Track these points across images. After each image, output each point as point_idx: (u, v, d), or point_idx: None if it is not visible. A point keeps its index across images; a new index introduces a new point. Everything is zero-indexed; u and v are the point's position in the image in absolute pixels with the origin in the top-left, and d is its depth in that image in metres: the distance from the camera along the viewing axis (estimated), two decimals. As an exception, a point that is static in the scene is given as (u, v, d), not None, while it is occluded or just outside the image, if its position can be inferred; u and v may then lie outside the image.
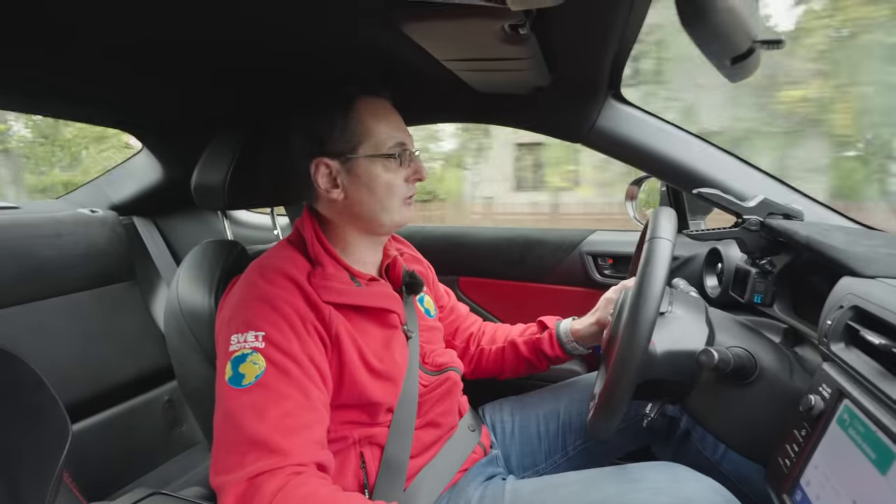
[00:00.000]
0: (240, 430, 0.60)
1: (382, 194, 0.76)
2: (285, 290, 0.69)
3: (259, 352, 0.64)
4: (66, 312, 1.27)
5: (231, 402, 0.62)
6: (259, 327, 0.65)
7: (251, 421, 0.60)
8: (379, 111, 0.78)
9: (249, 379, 0.63)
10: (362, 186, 0.76)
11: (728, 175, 0.94)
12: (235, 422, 0.61)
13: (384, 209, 0.77)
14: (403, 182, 0.78)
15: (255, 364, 0.63)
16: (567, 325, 0.96)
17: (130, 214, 1.56)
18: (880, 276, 0.63)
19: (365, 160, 0.75)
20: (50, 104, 1.13)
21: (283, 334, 0.66)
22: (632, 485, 0.69)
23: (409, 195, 0.79)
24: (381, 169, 0.76)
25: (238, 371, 0.63)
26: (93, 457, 1.25)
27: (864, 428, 0.49)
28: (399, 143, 0.77)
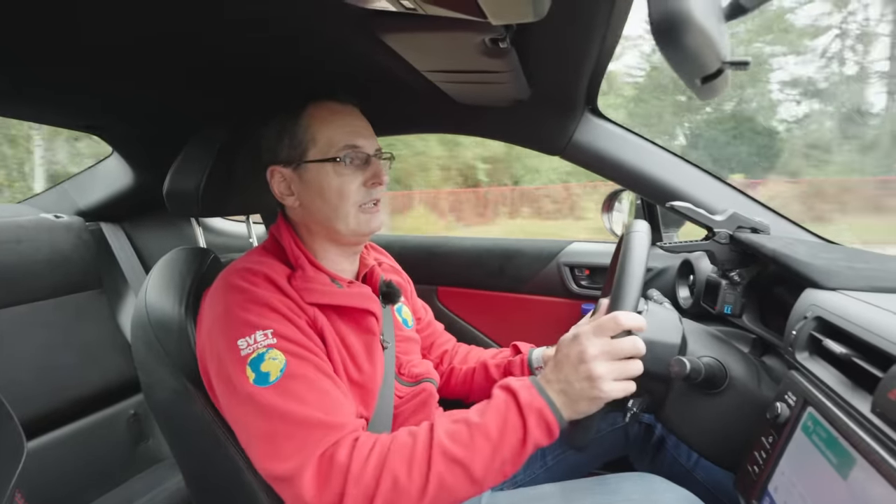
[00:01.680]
0: (287, 419, 0.61)
1: (334, 200, 0.74)
2: (268, 290, 0.69)
3: (274, 347, 0.65)
4: (26, 322, 1.21)
5: (266, 399, 0.62)
6: (265, 325, 0.65)
7: (296, 407, 0.61)
8: (329, 115, 0.76)
9: (276, 374, 0.63)
10: (314, 193, 0.75)
11: (699, 189, 0.97)
12: (280, 414, 0.61)
13: (338, 216, 0.75)
14: (359, 187, 0.75)
15: (274, 360, 0.64)
16: (539, 352, 0.94)
17: (98, 220, 1.50)
18: (841, 288, 0.66)
19: (314, 165, 0.74)
20: (15, 106, 1.08)
21: (287, 328, 0.67)
22: (608, 497, 0.69)
23: (366, 201, 0.76)
24: (332, 174, 0.74)
25: (261, 370, 0.63)
26: (51, 475, 1.18)
27: (827, 434, 0.51)
28: (349, 145, 0.74)
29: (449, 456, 0.58)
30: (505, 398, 0.62)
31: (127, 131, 1.29)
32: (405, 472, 0.58)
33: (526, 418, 0.59)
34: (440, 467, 0.58)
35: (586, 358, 0.60)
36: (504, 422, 0.60)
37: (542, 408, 0.60)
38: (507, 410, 0.61)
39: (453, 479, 0.58)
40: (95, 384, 1.31)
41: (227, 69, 0.87)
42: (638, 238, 0.64)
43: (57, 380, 1.23)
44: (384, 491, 0.57)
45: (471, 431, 0.60)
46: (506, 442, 0.59)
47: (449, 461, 0.58)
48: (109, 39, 0.72)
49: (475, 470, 0.58)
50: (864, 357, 0.52)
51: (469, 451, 0.58)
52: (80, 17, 0.64)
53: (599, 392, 0.59)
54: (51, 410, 1.21)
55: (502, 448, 0.59)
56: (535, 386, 0.62)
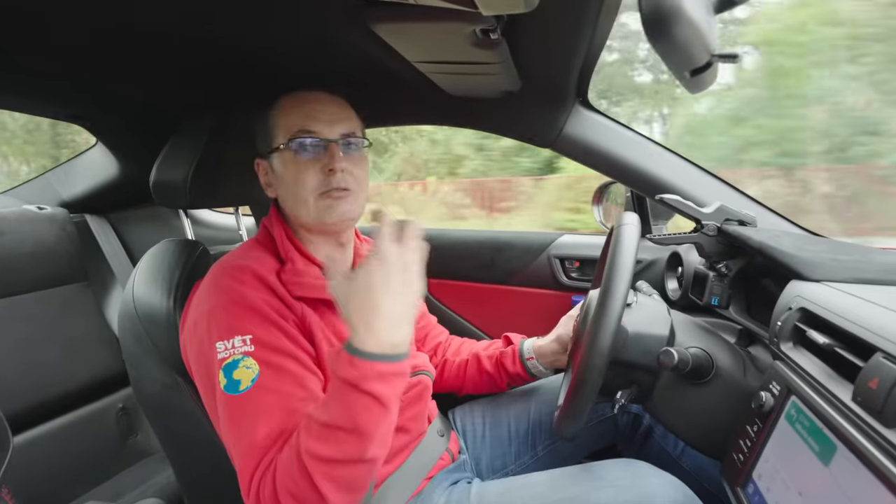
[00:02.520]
0: (243, 437, 0.61)
1: (293, 188, 0.73)
2: (255, 288, 0.68)
3: (249, 355, 0.63)
4: (9, 316, 1.19)
5: (233, 409, 0.62)
6: (244, 330, 0.64)
7: (255, 425, 0.60)
8: (292, 102, 0.75)
9: (246, 384, 0.62)
10: (280, 181, 0.76)
11: (688, 182, 0.98)
12: (238, 430, 0.61)
13: (297, 203, 0.74)
14: (316, 174, 0.72)
15: (248, 368, 0.63)
16: (531, 343, 0.95)
17: (82, 212, 1.48)
18: (825, 279, 0.67)
19: (277, 154, 0.75)
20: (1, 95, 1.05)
21: (269, 333, 0.65)
22: (595, 483, 0.70)
23: (325, 189, 0.72)
24: (290, 161, 0.73)
25: (232, 378, 0.62)
26: (39, 470, 1.17)
27: (809, 422, 0.52)
28: (303, 130, 0.72)
29: (317, 456, 0.55)
30: (337, 385, 0.56)
31: (112, 121, 1.26)
32: (293, 485, 0.56)
33: (366, 389, 0.54)
34: (319, 469, 0.55)
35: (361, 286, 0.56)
36: (348, 407, 0.55)
37: (378, 370, 0.55)
38: (344, 395, 0.55)
39: (342, 470, 0.55)
40: (82, 378, 1.30)
41: (214, 60, 0.86)
42: (628, 231, 0.65)
43: (43, 374, 1.22)
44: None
45: (326, 429, 0.55)
46: (361, 421, 0.55)
47: (319, 461, 0.55)
48: (93, 27, 0.70)
49: (351, 457, 0.55)
50: (846, 347, 0.53)
51: (334, 447, 0.55)
52: (64, 4, 0.62)
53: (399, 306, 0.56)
54: (37, 405, 1.20)
55: (361, 428, 0.55)
56: (350, 351, 0.55)
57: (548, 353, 0.93)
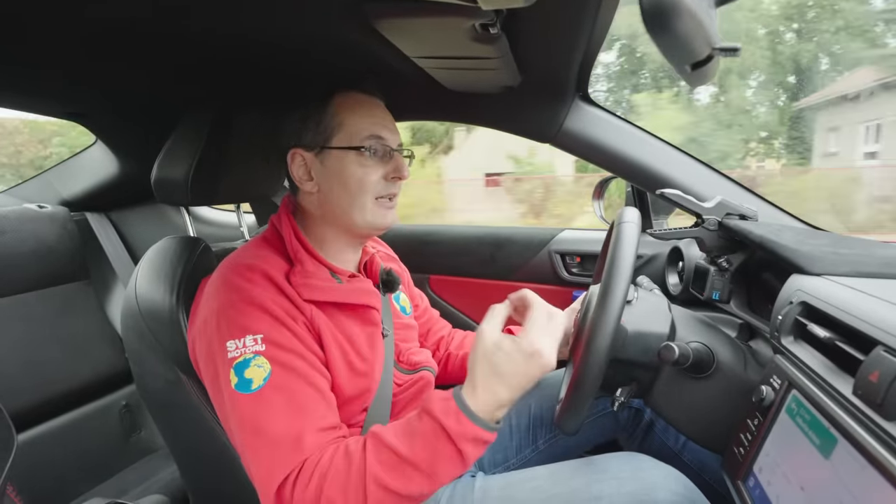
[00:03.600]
0: (259, 434, 0.61)
1: (354, 189, 0.74)
2: (265, 288, 0.68)
3: (261, 354, 0.64)
4: (11, 315, 1.20)
5: (245, 408, 0.62)
6: (256, 330, 0.65)
7: (270, 424, 0.61)
8: (356, 104, 0.76)
9: (258, 383, 0.63)
10: (334, 179, 0.74)
11: (688, 176, 0.97)
12: (254, 427, 0.62)
13: (355, 206, 0.75)
14: (379, 179, 0.75)
15: (259, 367, 0.63)
16: None
17: (83, 210, 1.48)
18: (825, 273, 0.67)
19: (337, 152, 0.74)
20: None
21: (280, 332, 0.65)
22: (597, 476, 0.71)
23: (384, 194, 0.76)
24: (354, 162, 0.74)
25: (244, 377, 0.63)
26: (43, 467, 1.18)
27: (810, 416, 0.52)
28: (374, 135, 0.74)
29: (382, 486, 0.58)
30: (433, 428, 0.59)
31: (111, 119, 1.26)
32: (341, 500, 0.58)
33: (459, 447, 0.58)
34: (377, 495, 0.57)
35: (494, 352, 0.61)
36: (435, 453, 0.59)
37: (477, 434, 0.59)
38: (436, 441, 0.59)
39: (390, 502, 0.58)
40: (85, 376, 1.31)
41: (214, 57, 0.85)
42: (628, 229, 0.64)
43: (46, 372, 1.22)
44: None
45: (402, 463, 0.59)
46: (440, 470, 0.59)
47: (383, 490, 0.58)
48: (90, 21, 0.70)
49: (412, 495, 0.58)
50: (847, 341, 0.53)
51: (403, 482, 0.58)
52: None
53: (522, 380, 0.60)
54: (41, 403, 1.20)
55: (437, 475, 0.59)
56: (460, 406, 0.59)
57: None
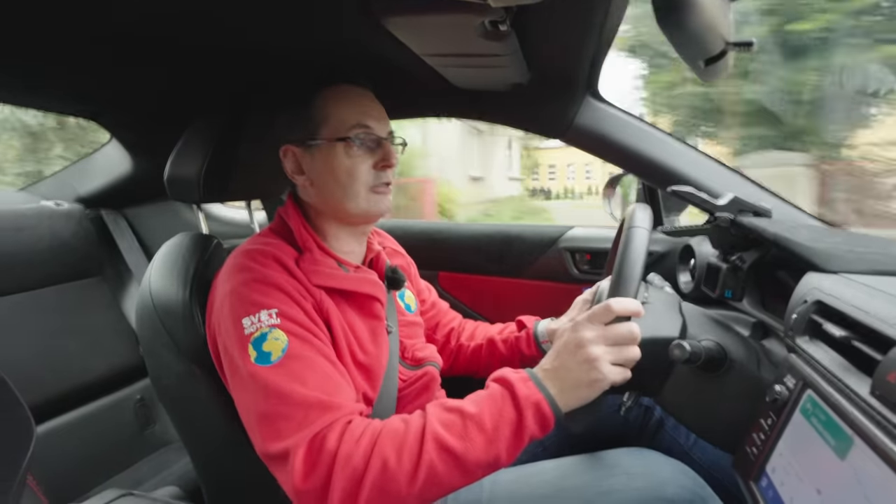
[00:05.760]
0: (287, 399, 0.61)
1: (344, 180, 0.74)
2: (276, 270, 0.69)
3: (277, 327, 0.64)
4: (30, 309, 1.22)
5: (267, 378, 0.62)
6: (270, 305, 0.65)
7: (297, 387, 0.61)
8: (341, 95, 0.76)
9: (277, 354, 0.63)
10: (325, 172, 0.75)
11: (701, 173, 0.96)
12: (280, 393, 0.61)
13: (347, 196, 0.75)
14: (369, 168, 0.75)
15: (277, 340, 0.64)
16: (545, 326, 0.96)
17: (98, 207, 1.50)
18: (842, 271, 0.66)
19: (325, 144, 0.74)
20: (14, 92, 1.07)
21: (292, 309, 0.66)
22: (607, 471, 0.70)
23: (376, 183, 0.76)
24: (342, 153, 0.74)
25: (262, 350, 0.63)
26: (60, 458, 1.20)
27: (825, 416, 0.51)
28: (360, 125, 0.74)
29: (441, 444, 0.57)
30: (501, 391, 0.60)
31: (125, 117, 1.28)
32: (395, 457, 0.57)
33: (523, 412, 0.58)
34: (432, 455, 0.57)
35: (584, 342, 0.60)
36: (500, 414, 0.59)
37: (540, 401, 0.59)
38: (503, 403, 0.59)
39: (444, 468, 0.57)
40: (101, 370, 1.33)
41: (225, 55, 0.86)
42: (639, 234, 0.64)
43: (63, 366, 1.25)
44: (373, 474, 0.56)
45: (465, 422, 0.59)
46: (501, 435, 0.58)
47: (441, 449, 0.57)
48: (108, 24, 0.71)
49: (468, 460, 0.57)
50: (863, 340, 0.52)
51: (462, 442, 0.57)
52: (80, 2, 0.63)
53: (598, 374, 0.59)
54: (58, 396, 1.23)
55: (497, 441, 0.58)
56: (533, 379, 0.61)
57: None
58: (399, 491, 0.56)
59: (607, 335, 0.60)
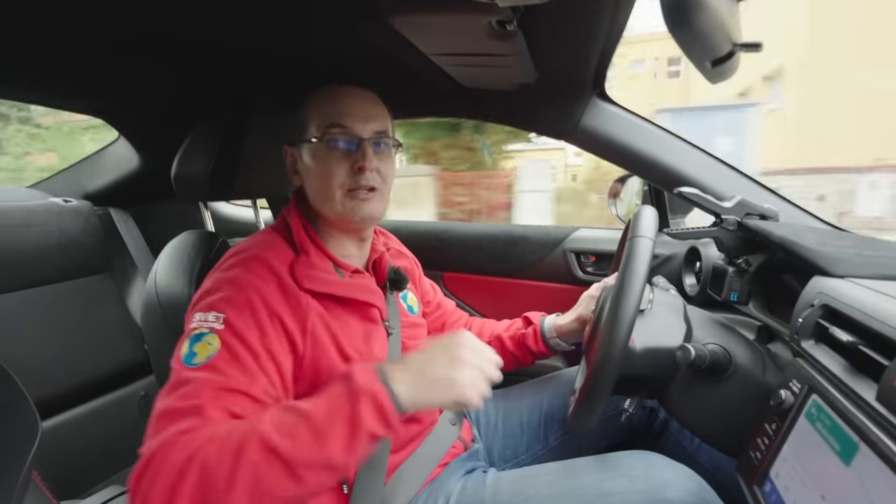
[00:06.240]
0: (179, 402, 0.58)
1: (320, 182, 0.74)
2: (259, 277, 0.67)
3: (216, 332, 0.62)
4: (37, 305, 1.23)
5: (178, 379, 0.60)
6: (222, 309, 0.64)
7: (191, 398, 0.58)
8: (327, 95, 0.75)
9: (200, 359, 0.61)
10: (309, 173, 0.76)
11: (707, 175, 0.96)
12: (178, 395, 0.58)
13: (324, 197, 0.74)
14: (345, 170, 0.72)
15: (209, 345, 0.61)
16: (551, 322, 0.97)
17: (106, 205, 1.51)
18: (849, 276, 0.65)
19: (308, 145, 0.75)
20: (26, 89, 1.08)
21: (244, 321, 0.63)
22: (609, 472, 0.70)
23: (353, 186, 0.73)
24: (322, 154, 0.73)
25: (192, 349, 0.62)
26: (65, 454, 1.21)
27: (831, 421, 0.51)
28: (336, 124, 0.72)
29: (265, 443, 0.53)
30: (340, 384, 0.57)
31: (133, 116, 1.29)
32: (216, 457, 0.52)
33: (357, 403, 0.54)
34: (254, 456, 0.52)
35: (463, 342, 0.61)
36: (333, 408, 0.55)
37: (377, 392, 0.55)
38: (338, 396, 0.56)
39: (268, 470, 0.52)
40: (106, 366, 1.34)
41: (234, 55, 0.87)
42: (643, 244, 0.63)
43: (69, 361, 1.26)
44: (192, 475, 0.51)
45: (296, 420, 0.55)
46: (333, 431, 0.54)
47: (264, 449, 0.52)
48: (117, 25, 0.71)
49: (294, 460, 0.53)
50: (870, 345, 0.51)
51: (288, 440, 0.53)
52: (91, 2, 0.63)
53: (459, 376, 0.58)
54: (63, 391, 1.24)
55: (328, 437, 0.53)
56: (377, 370, 0.57)
57: (568, 332, 0.95)
58: (217, 493, 0.51)
59: (481, 347, 0.62)
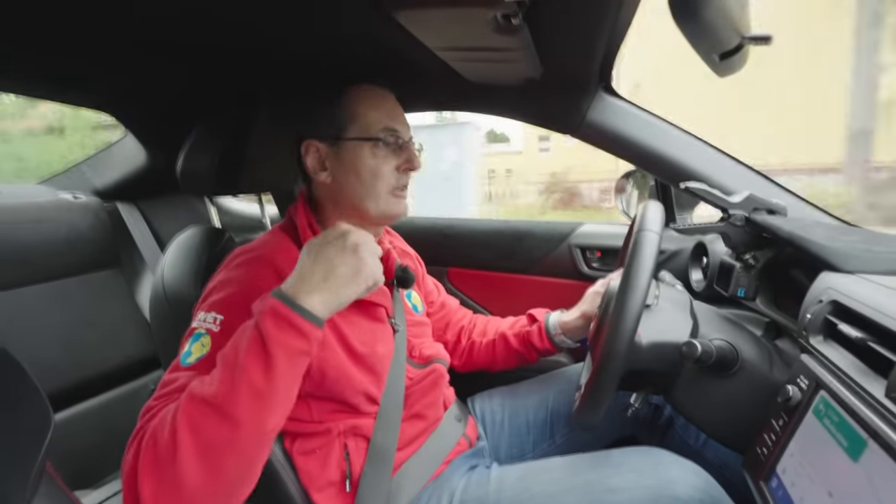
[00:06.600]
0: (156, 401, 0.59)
1: (368, 180, 0.75)
2: (263, 279, 0.67)
3: (211, 334, 0.63)
4: (48, 299, 1.25)
5: (170, 374, 0.61)
6: (222, 311, 0.64)
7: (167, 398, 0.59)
8: (368, 96, 0.77)
9: (193, 359, 0.62)
10: (349, 170, 0.76)
11: (715, 170, 0.95)
12: (158, 395, 0.59)
13: (369, 195, 0.76)
14: (392, 170, 0.77)
15: (203, 346, 0.62)
16: (556, 318, 0.97)
17: (114, 200, 1.53)
18: (858, 271, 0.64)
19: (352, 144, 0.75)
20: (33, 84, 1.09)
21: (241, 323, 0.61)
22: (615, 469, 0.70)
23: (398, 185, 0.78)
24: (368, 154, 0.75)
25: (190, 349, 0.63)
26: (76, 446, 1.23)
27: (839, 417, 0.51)
28: (388, 128, 0.76)
29: (193, 396, 0.53)
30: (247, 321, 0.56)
31: (140, 112, 1.30)
32: (158, 431, 0.53)
33: (259, 323, 0.53)
34: (186, 412, 0.52)
35: (348, 231, 0.60)
36: (239, 337, 0.54)
37: (275, 305, 0.54)
38: (243, 328, 0.56)
39: (202, 419, 0.51)
40: (116, 359, 1.36)
41: (238, 51, 0.87)
42: (649, 238, 0.63)
43: (79, 355, 1.27)
44: (145, 447, 0.53)
45: (217, 367, 0.55)
46: (247, 356, 0.52)
47: (193, 402, 0.52)
48: (122, 20, 0.72)
49: (219, 398, 0.51)
50: (879, 341, 0.51)
51: (211, 384, 0.53)
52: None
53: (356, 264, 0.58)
54: (75, 384, 1.25)
55: (244, 364, 0.52)
56: (273, 294, 0.56)
57: (573, 329, 0.95)
58: (166, 463, 0.51)
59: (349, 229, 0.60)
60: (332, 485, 0.72)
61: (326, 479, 0.72)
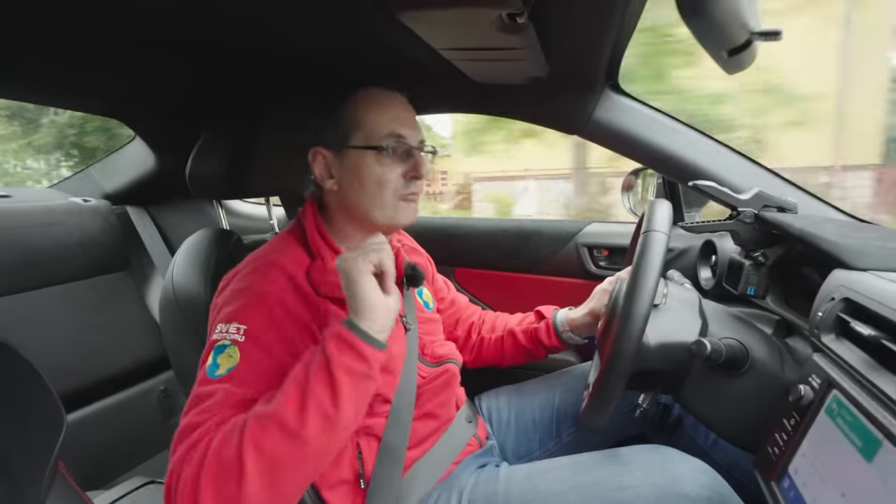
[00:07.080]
0: (199, 416, 0.60)
1: (373, 188, 0.74)
2: (278, 286, 0.68)
3: (237, 345, 0.63)
4: (59, 302, 1.27)
5: (201, 388, 0.62)
6: (243, 320, 0.65)
7: (210, 412, 0.60)
8: (375, 101, 0.76)
9: (222, 371, 0.62)
10: (354, 178, 0.74)
11: (723, 167, 0.94)
12: (199, 410, 0.60)
13: (375, 204, 0.74)
14: (399, 177, 0.74)
15: (231, 357, 0.63)
16: (563, 315, 0.96)
17: (123, 203, 1.54)
18: (871, 268, 0.63)
19: (356, 151, 0.74)
20: (41, 91, 1.11)
21: (264, 331, 0.65)
22: (624, 467, 0.70)
23: (406, 192, 0.75)
24: (373, 161, 0.73)
25: (216, 361, 0.63)
26: (88, 447, 1.25)
27: (852, 417, 0.50)
28: (393, 134, 0.74)
29: (258, 416, 0.55)
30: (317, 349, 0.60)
31: (148, 116, 1.31)
32: (222, 450, 0.54)
33: (326, 348, 0.58)
34: (251, 430, 0.54)
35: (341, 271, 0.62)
36: (307, 361, 0.59)
37: (339, 331, 0.58)
38: (311, 352, 0.60)
39: (267, 437, 0.54)
40: (126, 361, 1.37)
41: (243, 52, 0.87)
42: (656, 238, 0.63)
43: (90, 357, 1.29)
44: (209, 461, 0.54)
45: (286, 382, 0.58)
46: (314, 377, 0.56)
47: (258, 420, 0.55)
48: (129, 24, 0.72)
49: (287, 418, 0.54)
50: (893, 339, 0.50)
51: (278, 404, 0.55)
52: (104, 4, 0.64)
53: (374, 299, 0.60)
54: (86, 386, 1.27)
55: (310, 384, 0.56)
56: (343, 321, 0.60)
57: (581, 326, 0.94)
58: (230, 482, 0.53)
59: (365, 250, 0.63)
60: (344, 483, 0.73)
61: (338, 477, 0.72)
